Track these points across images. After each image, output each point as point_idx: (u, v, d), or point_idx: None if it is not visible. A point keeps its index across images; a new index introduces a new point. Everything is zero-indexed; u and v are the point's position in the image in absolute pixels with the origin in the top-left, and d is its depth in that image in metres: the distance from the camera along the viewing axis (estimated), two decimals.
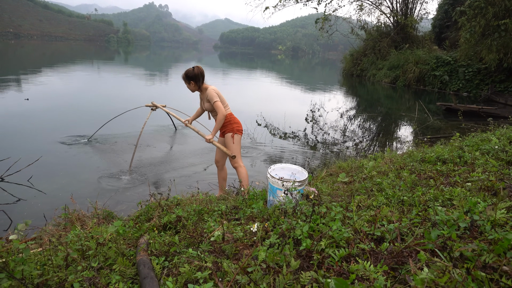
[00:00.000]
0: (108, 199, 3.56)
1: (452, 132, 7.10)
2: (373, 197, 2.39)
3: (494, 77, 15.23)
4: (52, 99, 9.53)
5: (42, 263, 1.59)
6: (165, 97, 12.01)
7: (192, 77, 3.48)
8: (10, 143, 5.49)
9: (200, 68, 3.49)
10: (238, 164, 3.59)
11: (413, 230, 1.62)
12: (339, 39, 47.95)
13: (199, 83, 3.51)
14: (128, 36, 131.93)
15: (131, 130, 6.44)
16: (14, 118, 6.98)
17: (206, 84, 3.57)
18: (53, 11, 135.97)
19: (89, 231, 2.06)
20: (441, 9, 23.93)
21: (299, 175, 2.60)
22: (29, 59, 26.08)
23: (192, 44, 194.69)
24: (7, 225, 3.16)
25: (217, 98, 3.43)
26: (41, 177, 4.26)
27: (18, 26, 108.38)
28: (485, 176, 2.42)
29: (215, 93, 3.45)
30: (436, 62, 17.75)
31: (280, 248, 1.50)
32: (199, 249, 1.67)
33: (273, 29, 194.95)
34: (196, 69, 3.47)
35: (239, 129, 3.62)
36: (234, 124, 3.59)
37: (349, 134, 7.89)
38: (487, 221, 1.51)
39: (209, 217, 2.23)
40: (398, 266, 1.33)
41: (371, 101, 14.50)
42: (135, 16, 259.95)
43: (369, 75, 22.25)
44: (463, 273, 1.10)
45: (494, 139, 3.86)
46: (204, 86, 3.55)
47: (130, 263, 1.60)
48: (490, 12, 12.35)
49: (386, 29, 23.73)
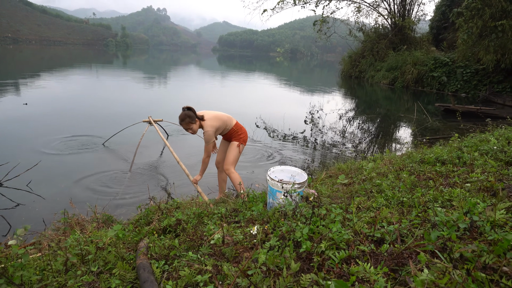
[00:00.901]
0: (107, 203, 3.55)
1: (450, 133, 7.12)
2: (373, 199, 2.39)
3: (492, 77, 15.28)
4: (51, 104, 9.53)
5: (42, 268, 1.58)
6: (164, 100, 12.02)
7: (193, 116, 3.37)
8: (9, 148, 5.49)
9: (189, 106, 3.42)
10: (231, 171, 3.58)
11: (413, 231, 1.62)
12: (337, 41, 48.20)
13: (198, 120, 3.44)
14: (126, 40, 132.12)
15: (129, 136, 6.42)
16: (12, 123, 6.97)
17: (204, 115, 3.47)
18: (51, 16, 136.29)
19: (88, 236, 2.05)
20: (439, 10, 24.02)
21: (299, 177, 2.60)
22: (27, 63, 26.10)
23: (190, 47, 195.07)
24: (6, 230, 3.15)
25: (213, 139, 3.44)
26: (40, 182, 4.25)
27: (17, 31, 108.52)
28: (484, 177, 2.42)
29: (212, 132, 3.40)
30: (434, 63, 17.80)
31: (280, 251, 1.50)
32: (199, 252, 1.66)
33: (271, 32, 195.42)
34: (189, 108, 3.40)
35: (245, 140, 3.70)
36: (241, 135, 3.65)
37: (348, 136, 7.90)
38: (487, 222, 1.51)
39: (209, 220, 2.22)
40: (398, 267, 1.33)
41: (370, 103, 14.53)
42: (133, 20, 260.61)
43: (367, 76, 22.30)
44: (463, 274, 1.10)
45: (493, 140, 3.87)
46: (202, 123, 3.45)
47: (130, 267, 1.60)
48: (487, 13, 12.40)
49: (384, 30, 23.81)
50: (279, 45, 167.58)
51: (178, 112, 3.40)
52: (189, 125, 3.39)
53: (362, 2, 23.86)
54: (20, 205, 3.67)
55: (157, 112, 7.60)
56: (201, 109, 3.63)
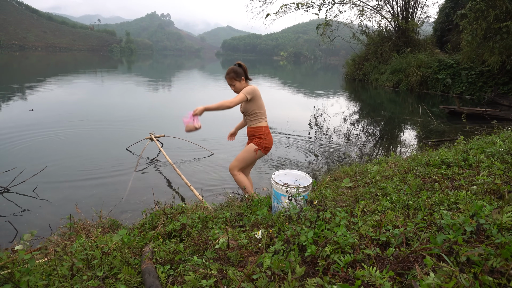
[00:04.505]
0: (112, 208, 3.56)
1: (456, 135, 7.07)
2: (378, 202, 2.38)
3: (497, 79, 15.17)
4: (57, 110, 9.61)
5: (48, 273, 1.59)
6: (167, 105, 12.09)
7: (241, 73, 3.27)
8: (16, 154, 5.53)
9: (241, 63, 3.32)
10: (234, 172, 3.39)
11: (418, 234, 1.61)
12: (340, 44, 48.22)
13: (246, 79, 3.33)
14: (131, 45, 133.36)
15: (134, 142, 6.46)
16: (19, 129, 7.04)
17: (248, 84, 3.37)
18: (57, 23, 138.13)
19: (94, 240, 2.06)
20: (442, 12, 23.97)
21: (303, 180, 2.60)
22: (33, 70, 26.39)
23: (194, 52, 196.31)
24: (12, 235, 3.17)
25: (249, 95, 3.19)
26: (46, 187, 4.28)
27: (23, 38, 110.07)
28: (491, 179, 2.40)
29: (252, 91, 3.21)
30: (438, 66, 17.73)
31: (285, 255, 1.49)
32: (204, 257, 1.66)
33: (275, 36, 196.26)
34: (240, 65, 3.30)
35: (266, 148, 3.37)
36: (265, 140, 3.34)
37: (353, 139, 7.88)
38: (494, 225, 1.49)
39: (214, 224, 2.22)
40: (404, 271, 1.32)
41: (374, 105, 14.48)
42: (138, 26, 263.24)
43: (371, 79, 22.26)
44: (470, 277, 1.09)
45: (499, 142, 3.83)
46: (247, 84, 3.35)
47: (135, 272, 1.60)
48: (491, 15, 12.34)
49: (388, 33, 23.78)
50: (282, 49, 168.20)
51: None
52: (232, 81, 3.26)
53: (365, 5, 23.90)
54: (26, 210, 3.70)
55: (159, 112, 7.60)
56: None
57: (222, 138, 6.76)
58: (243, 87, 3.28)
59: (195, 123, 2.95)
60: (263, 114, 3.37)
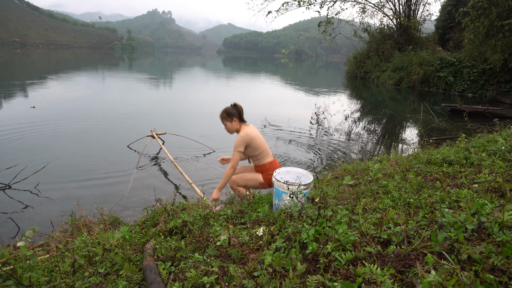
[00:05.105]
0: (114, 205, 3.58)
1: (457, 133, 7.05)
2: (379, 200, 2.38)
3: (499, 77, 15.12)
4: (58, 107, 9.63)
5: (50, 270, 1.60)
6: (168, 103, 12.09)
7: (233, 114, 3.24)
8: (17, 151, 5.55)
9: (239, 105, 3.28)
10: (235, 187, 3.38)
11: (420, 232, 1.61)
12: (342, 42, 48.05)
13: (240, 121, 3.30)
14: (132, 42, 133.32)
15: (136, 139, 6.47)
16: (20, 126, 7.05)
17: (244, 125, 3.33)
18: (58, 20, 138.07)
19: (95, 237, 2.07)
20: (444, 10, 23.84)
21: (304, 178, 2.60)
22: (35, 67, 26.40)
23: (195, 50, 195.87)
24: (14, 232, 3.18)
25: (241, 148, 3.18)
26: (48, 184, 4.29)
27: (24, 35, 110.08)
28: (492, 178, 2.39)
29: (241, 142, 3.18)
30: (440, 63, 17.67)
31: (286, 252, 1.50)
32: (205, 254, 1.67)
33: (276, 33, 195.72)
34: (235, 105, 3.27)
35: (271, 185, 3.27)
36: (271, 176, 2.99)
37: (354, 137, 7.87)
38: (495, 223, 1.49)
39: (215, 221, 2.23)
40: (405, 269, 1.32)
41: (376, 103, 14.46)
42: (139, 23, 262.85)
43: (373, 77, 22.20)
44: (471, 275, 1.09)
45: (501, 140, 3.83)
46: (241, 127, 3.30)
47: (136, 269, 1.61)
48: (494, 13, 12.28)
49: (389, 31, 23.68)
50: (284, 47, 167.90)
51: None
52: (223, 121, 3.28)
53: (367, 3, 23.79)
54: (28, 207, 3.71)
55: (162, 110, 7.62)
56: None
57: (223, 135, 6.76)
58: (234, 128, 3.28)
59: (218, 207, 2.89)
60: (264, 152, 3.34)
